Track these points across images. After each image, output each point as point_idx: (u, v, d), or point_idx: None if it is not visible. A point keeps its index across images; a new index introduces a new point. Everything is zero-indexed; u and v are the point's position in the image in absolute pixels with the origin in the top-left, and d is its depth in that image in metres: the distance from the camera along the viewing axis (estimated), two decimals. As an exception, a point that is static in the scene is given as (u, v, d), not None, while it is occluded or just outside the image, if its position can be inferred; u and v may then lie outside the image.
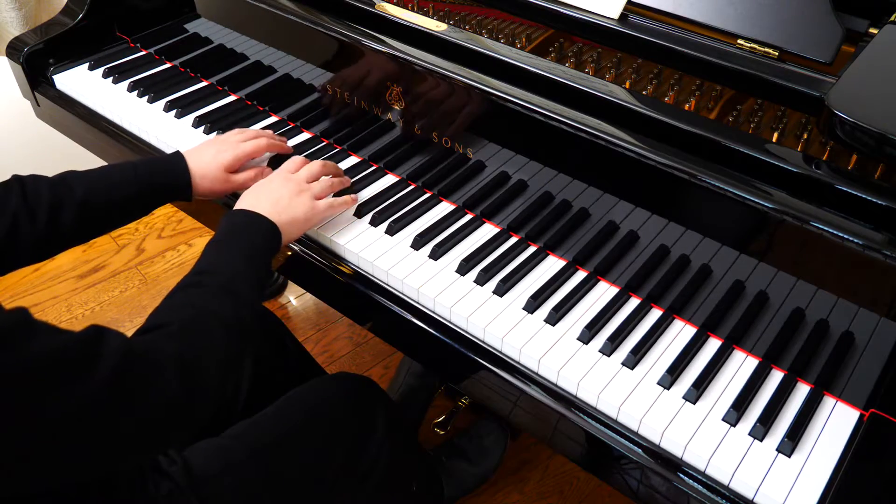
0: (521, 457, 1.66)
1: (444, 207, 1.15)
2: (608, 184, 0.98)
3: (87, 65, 1.48)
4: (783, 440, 0.85)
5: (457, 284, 1.02)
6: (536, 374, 0.94)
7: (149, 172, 1.08)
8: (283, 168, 1.10)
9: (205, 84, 1.44)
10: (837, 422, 0.87)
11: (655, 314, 1.00)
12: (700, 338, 0.96)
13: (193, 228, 2.26)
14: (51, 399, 0.65)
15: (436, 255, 1.06)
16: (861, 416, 0.88)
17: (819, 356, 0.90)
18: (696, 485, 0.83)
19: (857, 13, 0.96)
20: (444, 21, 1.12)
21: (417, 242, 1.08)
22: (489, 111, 1.04)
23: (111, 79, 1.44)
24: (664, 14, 1.02)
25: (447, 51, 1.08)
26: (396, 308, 1.03)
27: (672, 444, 0.85)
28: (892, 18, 0.93)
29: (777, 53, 0.95)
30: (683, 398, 0.89)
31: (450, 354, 0.99)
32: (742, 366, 0.94)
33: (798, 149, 0.94)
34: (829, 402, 0.89)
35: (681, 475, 0.84)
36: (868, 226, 0.81)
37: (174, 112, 1.35)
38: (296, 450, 1.04)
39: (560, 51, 1.12)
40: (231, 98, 1.41)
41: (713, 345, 0.96)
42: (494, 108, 1.03)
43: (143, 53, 1.53)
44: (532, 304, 0.99)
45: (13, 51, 1.46)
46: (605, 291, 1.03)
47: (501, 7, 1.18)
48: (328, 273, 1.09)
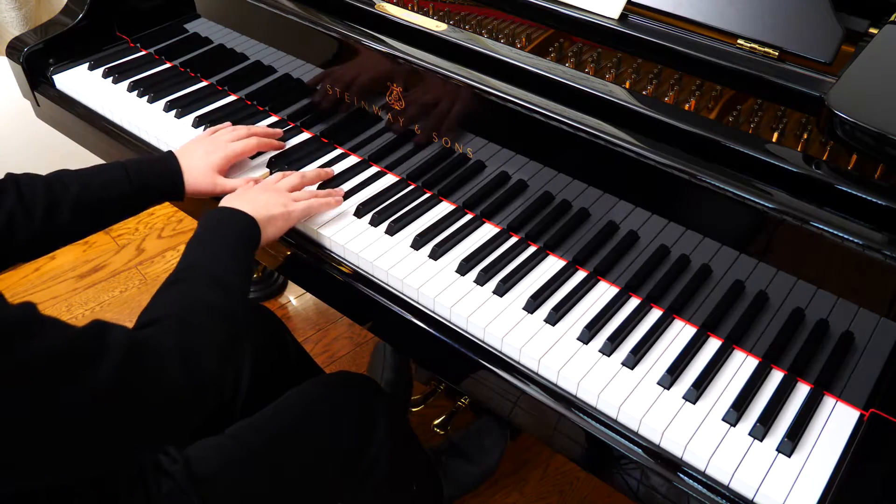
0: (521, 457, 1.66)
1: (444, 207, 1.15)
2: (608, 184, 0.98)
3: (87, 65, 1.48)
4: (783, 440, 0.85)
5: (457, 284, 1.02)
6: (536, 374, 0.94)
7: (141, 172, 1.10)
8: (265, 181, 1.12)
9: (205, 84, 1.44)
10: (837, 422, 0.87)
11: (655, 314, 1.00)
12: (700, 338, 0.96)
13: (193, 228, 2.25)
14: (57, 393, 0.65)
15: (436, 255, 1.06)
16: (861, 416, 0.88)
17: (819, 356, 0.90)
18: (696, 485, 0.83)
19: (857, 13, 0.96)
20: (444, 21, 1.12)
21: (417, 242, 1.08)
22: (489, 111, 1.04)
23: (111, 79, 1.44)
24: (664, 14, 1.02)
25: (447, 51, 1.08)
26: (396, 308, 1.03)
27: (672, 444, 0.85)
28: (892, 18, 0.93)
29: (777, 53, 0.95)
30: (683, 398, 0.89)
31: (450, 354, 0.99)
32: (742, 366, 0.94)
33: (798, 149, 0.94)
34: (829, 402, 0.89)
35: (681, 475, 0.84)
36: (868, 226, 0.81)
37: (174, 112, 1.35)
38: (296, 449, 1.04)
39: (560, 51, 1.12)
40: (231, 98, 1.41)
41: (713, 345, 0.96)
42: (494, 108, 1.03)
43: (143, 53, 1.53)
44: (532, 304, 0.99)
45: (13, 51, 1.46)
46: (605, 291, 1.03)
47: (501, 7, 1.18)
48: (328, 273, 1.09)
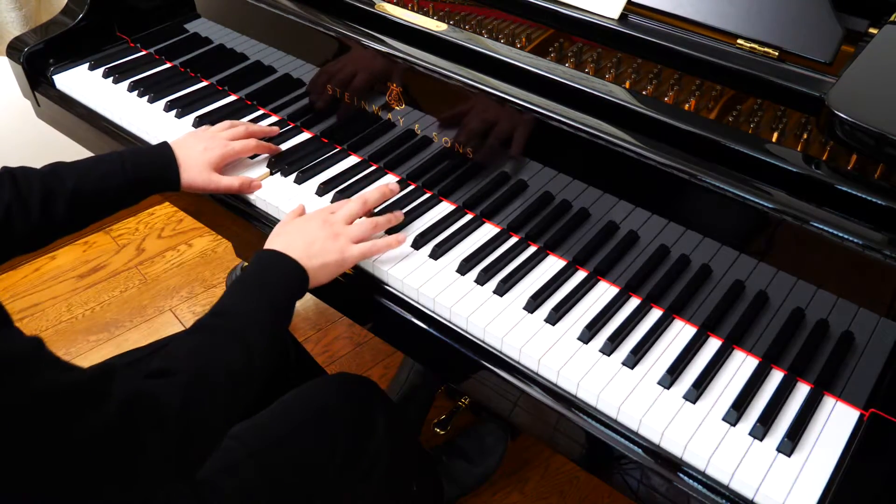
0: (521, 457, 1.66)
1: (444, 207, 1.15)
2: (608, 184, 0.98)
3: (88, 65, 1.48)
4: (783, 440, 0.85)
5: (457, 284, 1.02)
6: (536, 374, 0.94)
7: (137, 163, 1.09)
8: (325, 208, 1.07)
9: (205, 84, 1.44)
10: (837, 422, 0.87)
11: (655, 314, 1.00)
12: (700, 338, 0.96)
13: (193, 228, 2.26)
14: (52, 434, 0.64)
15: (436, 255, 1.06)
16: (861, 416, 0.88)
17: (819, 356, 0.90)
18: (696, 485, 0.83)
19: (857, 13, 0.96)
20: (444, 21, 1.12)
21: (417, 242, 1.08)
22: (489, 111, 1.04)
23: (111, 79, 1.44)
24: (664, 14, 1.02)
25: (447, 51, 1.08)
26: (396, 308, 1.03)
27: (672, 444, 0.85)
28: (892, 18, 0.93)
29: (777, 53, 0.95)
30: (683, 398, 0.89)
31: (450, 354, 0.99)
32: (742, 366, 0.94)
33: (798, 149, 0.94)
34: (829, 402, 0.89)
35: (681, 475, 0.84)
36: (868, 226, 0.81)
37: (174, 112, 1.35)
38: (295, 450, 1.04)
39: (560, 51, 1.12)
40: (231, 98, 1.41)
41: (713, 345, 0.96)
42: (495, 108, 1.03)
43: (143, 53, 1.53)
44: (532, 304, 0.99)
45: (13, 51, 1.46)
46: (605, 291, 1.03)
47: (501, 7, 1.18)
48: (328, 273, 1.09)
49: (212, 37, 1.40)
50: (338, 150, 1.27)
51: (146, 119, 1.35)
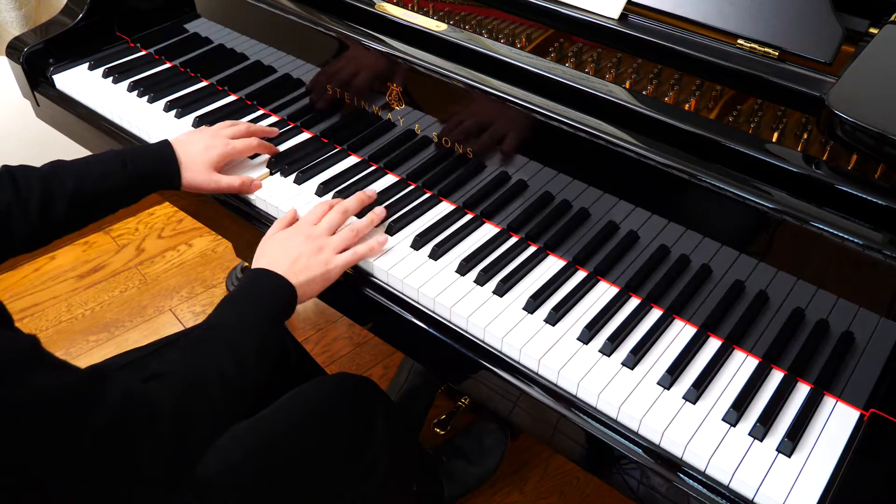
0: (521, 457, 1.66)
1: (444, 207, 1.15)
2: (608, 184, 0.98)
3: (87, 65, 1.48)
4: (783, 440, 0.85)
5: (457, 284, 1.02)
6: (536, 374, 0.94)
7: (138, 162, 1.09)
8: (305, 220, 1.06)
9: (205, 84, 1.44)
10: (837, 422, 0.87)
11: (655, 314, 1.00)
12: (700, 338, 0.96)
13: (193, 228, 2.26)
14: (44, 436, 0.64)
15: (436, 255, 1.06)
16: (861, 416, 0.88)
17: (819, 356, 0.90)
18: (696, 485, 0.83)
19: (857, 13, 0.96)
20: (444, 21, 1.12)
21: (417, 242, 1.08)
22: (489, 111, 1.04)
23: (111, 79, 1.44)
24: (664, 14, 1.02)
25: (447, 51, 1.08)
26: (396, 308, 1.03)
27: (672, 444, 0.85)
28: (892, 18, 0.93)
29: (777, 53, 0.95)
30: (683, 398, 0.89)
31: (450, 354, 0.99)
32: (742, 366, 0.94)
33: (798, 149, 0.94)
34: (829, 402, 0.89)
35: (681, 475, 0.84)
36: (868, 226, 0.81)
37: (174, 112, 1.35)
38: (295, 450, 1.04)
39: (560, 51, 1.12)
40: (231, 98, 1.41)
41: (713, 345, 0.96)
42: (494, 108, 1.03)
43: (143, 53, 1.53)
44: (532, 304, 0.99)
45: (13, 51, 1.46)
46: (605, 291, 1.03)
47: (501, 7, 1.18)
48: (328, 273, 1.09)
49: (212, 37, 1.40)
50: (338, 150, 1.27)
51: (146, 119, 1.35)
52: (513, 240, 1.10)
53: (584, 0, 1.06)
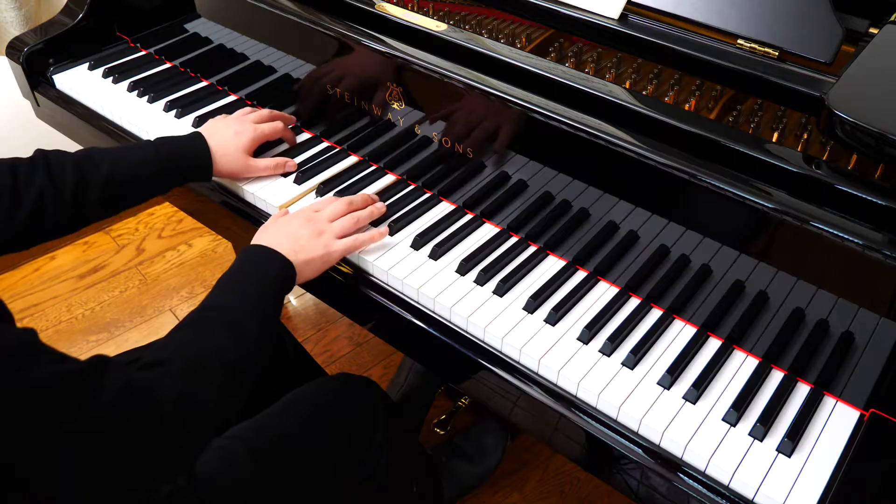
0: (521, 457, 1.66)
1: (444, 207, 1.15)
2: (608, 184, 0.98)
3: (87, 65, 1.48)
4: (783, 440, 0.85)
5: (457, 284, 1.02)
6: (536, 374, 0.94)
7: (170, 152, 1.09)
8: (309, 206, 1.07)
9: (205, 84, 1.44)
10: (837, 422, 0.87)
11: (655, 314, 1.00)
12: (700, 338, 0.96)
13: (193, 228, 2.26)
14: (48, 426, 0.64)
15: (436, 255, 1.06)
16: (861, 416, 0.88)
17: (819, 356, 0.90)
18: (696, 485, 0.83)
19: (857, 13, 0.96)
20: (444, 21, 1.12)
21: (417, 242, 1.08)
22: (489, 111, 1.04)
23: (111, 79, 1.44)
24: (664, 14, 1.02)
25: (447, 51, 1.08)
26: (396, 308, 1.03)
27: (672, 444, 0.85)
28: (892, 18, 0.93)
29: (777, 53, 0.95)
30: (683, 398, 0.89)
31: (450, 354, 0.99)
32: (742, 366, 0.94)
33: (798, 149, 0.94)
34: (829, 403, 0.89)
35: (681, 475, 0.84)
36: (868, 226, 0.81)
37: (174, 112, 1.35)
38: (296, 450, 1.04)
39: (560, 51, 1.12)
40: (231, 98, 1.41)
41: (713, 345, 0.96)
42: (494, 108, 1.03)
43: (143, 53, 1.53)
44: (532, 304, 0.99)
45: (13, 51, 1.46)
46: (605, 291, 1.03)
47: (501, 7, 1.18)
48: (328, 272, 1.09)
49: (212, 37, 1.40)
50: (338, 150, 1.27)
51: (146, 119, 1.35)
52: (513, 240, 1.10)
53: (584, 0, 1.06)
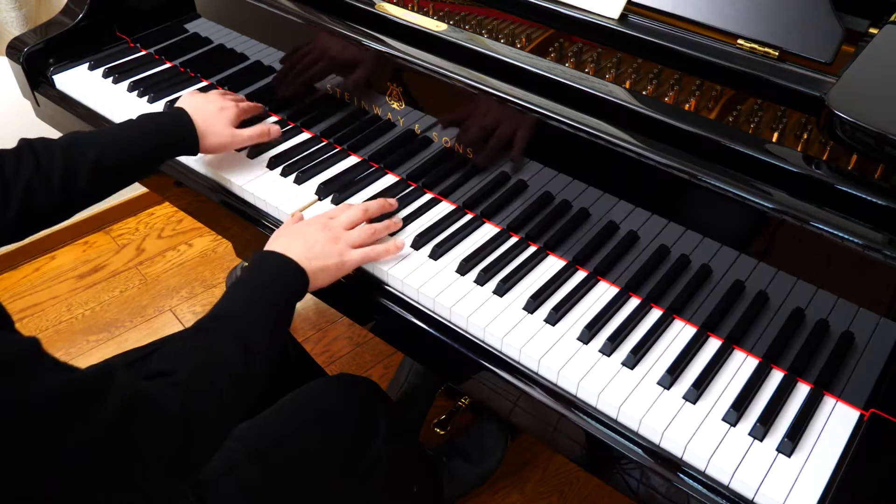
0: (521, 457, 1.66)
1: (445, 207, 1.15)
2: (608, 184, 0.98)
3: (87, 65, 1.48)
4: (783, 440, 0.85)
5: (457, 284, 1.02)
6: (536, 374, 0.94)
7: (156, 131, 1.10)
8: (325, 213, 1.06)
9: (205, 84, 1.44)
10: (837, 422, 0.87)
11: (655, 314, 1.00)
12: (700, 338, 0.96)
13: (193, 228, 2.26)
14: (52, 435, 0.64)
15: (436, 255, 1.06)
16: (861, 416, 0.88)
17: (819, 356, 0.90)
18: (696, 485, 0.83)
19: (857, 13, 0.96)
20: (444, 21, 1.12)
21: (417, 242, 1.08)
22: (489, 111, 1.04)
23: (111, 79, 1.44)
24: (664, 14, 1.02)
25: (447, 51, 1.08)
26: (396, 308, 1.03)
27: (672, 444, 0.85)
28: (892, 18, 0.93)
29: (777, 53, 0.95)
30: (683, 398, 0.89)
31: (450, 354, 0.99)
32: (742, 366, 0.94)
33: (798, 149, 0.94)
34: (829, 402, 0.89)
35: (681, 475, 0.84)
36: (868, 226, 0.81)
37: (174, 112, 1.35)
38: (296, 451, 1.04)
39: (560, 51, 1.12)
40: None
41: (713, 345, 0.96)
42: (494, 109, 1.03)
43: (143, 53, 1.53)
44: (532, 304, 0.99)
45: (13, 51, 1.46)
46: (605, 291, 1.03)
47: (501, 7, 1.18)
48: (328, 273, 1.09)
49: (212, 37, 1.40)
50: (338, 150, 1.27)
51: (146, 119, 1.35)
52: (513, 240, 1.10)
53: (584, 0, 1.06)
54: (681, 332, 0.98)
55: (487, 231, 1.11)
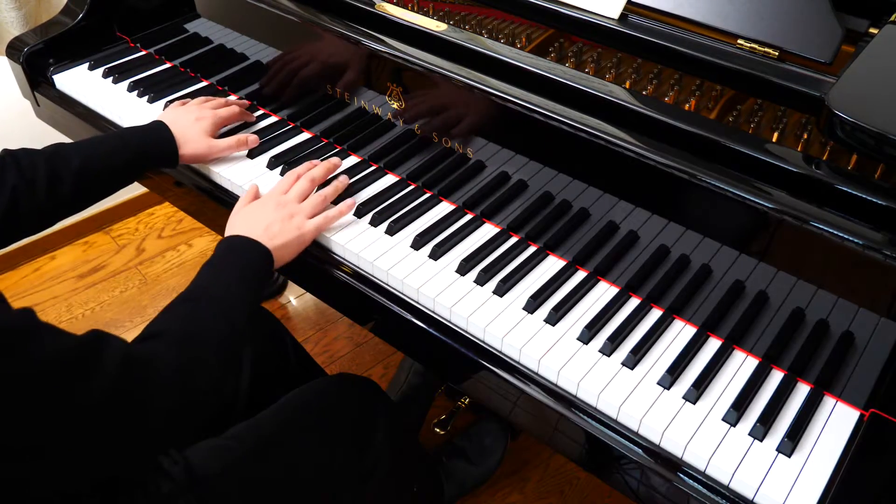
0: (521, 457, 1.66)
1: (444, 207, 1.15)
2: (608, 184, 0.98)
3: (87, 65, 1.48)
4: (783, 440, 0.85)
5: (457, 284, 1.02)
6: (536, 374, 0.94)
7: (138, 142, 1.13)
8: (275, 190, 1.10)
9: (205, 84, 1.44)
10: (837, 422, 0.87)
11: (655, 314, 0.99)
12: (700, 338, 0.96)
13: (193, 228, 2.26)
14: (51, 402, 0.65)
15: (436, 255, 1.06)
16: (861, 416, 0.88)
17: (819, 356, 0.90)
18: (696, 485, 0.83)
19: (857, 13, 0.96)
20: (444, 21, 1.12)
21: (417, 242, 1.08)
22: (489, 111, 1.04)
23: (111, 79, 1.44)
24: (664, 14, 1.02)
25: (447, 51, 1.08)
26: (396, 308, 1.03)
27: (672, 444, 0.85)
28: (892, 18, 0.93)
29: (777, 53, 0.95)
30: (683, 398, 0.89)
31: (450, 354, 0.99)
32: (742, 366, 0.94)
33: (798, 149, 0.94)
34: (829, 402, 0.89)
35: (681, 475, 0.84)
36: (868, 226, 0.81)
37: (174, 112, 1.35)
38: (296, 451, 1.04)
39: (560, 51, 1.12)
40: (231, 98, 1.40)
41: (713, 345, 0.96)
42: (495, 109, 1.03)
43: (143, 53, 1.53)
44: (532, 304, 0.99)
45: (13, 51, 1.46)
46: (605, 291, 1.03)
47: (501, 7, 1.18)
48: (328, 273, 1.09)
49: (212, 37, 1.40)
50: (337, 151, 1.27)
51: (146, 119, 1.34)
52: (513, 240, 1.10)
53: (584, 0, 1.06)
54: (681, 332, 0.98)
55: (487, 231, 1.11)
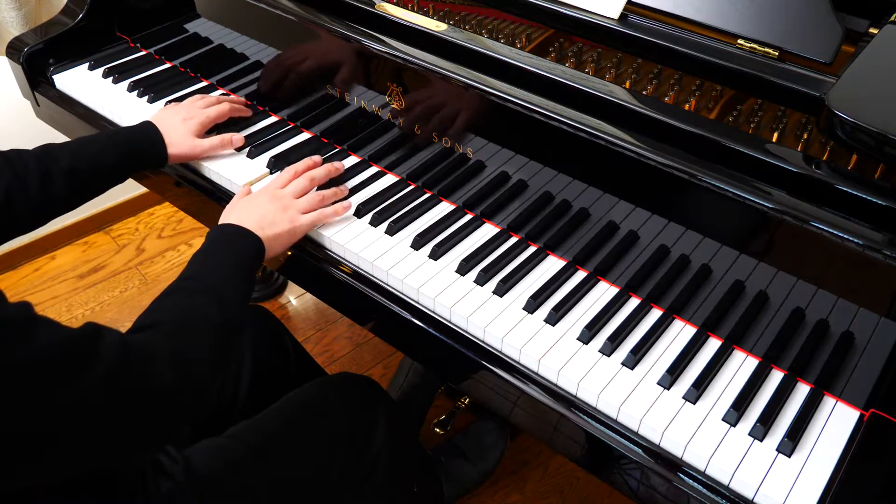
0: (521, 457, 1.66)
1: (444, 207, 1.15)
2: (608, 184, 0.98)
3: (87, 65, 1.48)
4: (783, 440, 0.85)
5: (457, 284, 1.02)
6: (536, 374, 0.94)
7: (127, 141, 1.14)
8: (272, 184, 1.11)
9: (205, 84, 1.44)
10: (837, 422, 0.87)
11: (655, 314, 0.99)
12: (700, 338, 0.96)
13: (193, 228, 2.26)
14: (49, 392, 0.65)
15: (436, 255, 1.06)
16: (861, 416, 0.88)
17: (819, 356, 0.90)
18: (696, 485, 0.83)
19: (857, 13, 0.96)
20: (444, 21, 1.12)
21: (417, 242, 1.08)
22: (489, 111, 1.04)
23: (111, 79, 1.44)
24: (664, 14, 1.02)
25: (447, 51, 1.08)
26: (396, 308, 1.03)
27: (672, 444, 0.85)
28: (892, 18, 0.93)
29: (777, 53, 0.95)
30: (683, 398, 0.89)
31: (449, 354, 0.99)
32: (742, 366, 0.94)
33: (798, 149, 0.94)
34: (829, 403, 0.89)
35: (681, 475, 0.84)
36: (868, 226, 0.81)
37: (174, 112, 1.35)
38: (296, 450, 1.04)
39: (560, 51, 1.12)
40: (225, 95, 1.40)
41: (713, 345, 0.96)
42: (495, 108, 1.03)
43: (143, 53, 1.53)
44: (532, 304, 0.99)
45: (13, 51, 1.46)
46: (605, 291, 1.03)
47: (501, 7, 1.18)
48: (328, 273, 1.09)
49: (212, 37, 1.40)
50: (337, 151, 1.27)
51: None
52: (513, 240, 1.10)
53: (584, 0, 1.06)
54: (681, 332, 0.98)
55: (487, 231, 1.11)
